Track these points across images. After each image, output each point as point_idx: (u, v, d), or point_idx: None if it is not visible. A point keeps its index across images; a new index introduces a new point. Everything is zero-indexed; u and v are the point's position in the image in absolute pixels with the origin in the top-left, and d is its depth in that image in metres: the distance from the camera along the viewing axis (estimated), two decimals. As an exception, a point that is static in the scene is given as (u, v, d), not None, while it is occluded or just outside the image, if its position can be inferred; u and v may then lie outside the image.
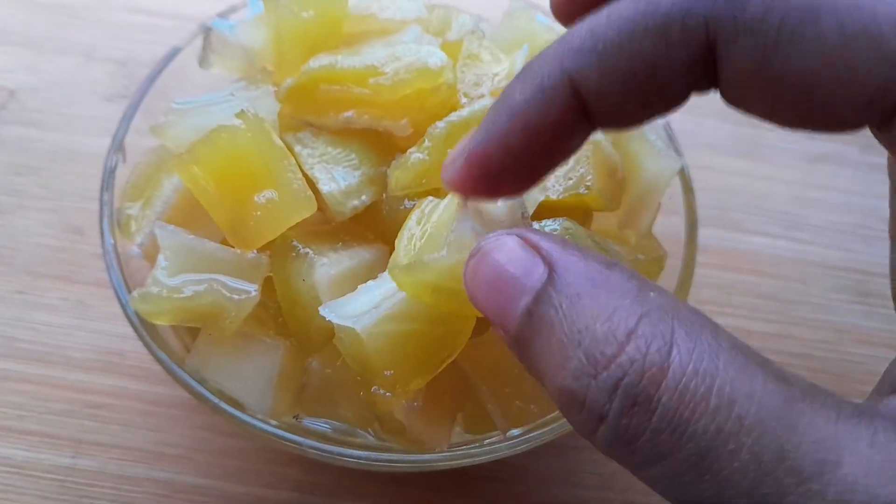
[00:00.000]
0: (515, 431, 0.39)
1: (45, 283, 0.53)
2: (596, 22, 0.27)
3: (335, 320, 0.35)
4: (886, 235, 0.36)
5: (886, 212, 0.61)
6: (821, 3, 0.23)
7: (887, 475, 0.21)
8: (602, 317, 0.23)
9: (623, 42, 0.26)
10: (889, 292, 0.32)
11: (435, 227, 0.34)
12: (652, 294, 0.24)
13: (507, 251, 0.26)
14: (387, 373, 0.35)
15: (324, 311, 0.35)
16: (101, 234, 0.42)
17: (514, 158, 0.28)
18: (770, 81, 0.25)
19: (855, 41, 0.23)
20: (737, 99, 0.27)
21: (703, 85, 0.27)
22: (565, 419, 0.39)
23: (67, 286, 0.53)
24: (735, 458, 0.21)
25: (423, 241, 0.34)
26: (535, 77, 0.27)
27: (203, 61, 0.48)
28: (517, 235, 0.26)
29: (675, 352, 0.22)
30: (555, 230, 0.38)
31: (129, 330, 0.41)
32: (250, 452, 0.48)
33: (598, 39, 0.26)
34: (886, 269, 0.58)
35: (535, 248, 0.26)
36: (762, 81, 0.25)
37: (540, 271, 0.25)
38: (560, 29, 0.50)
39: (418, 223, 0.35)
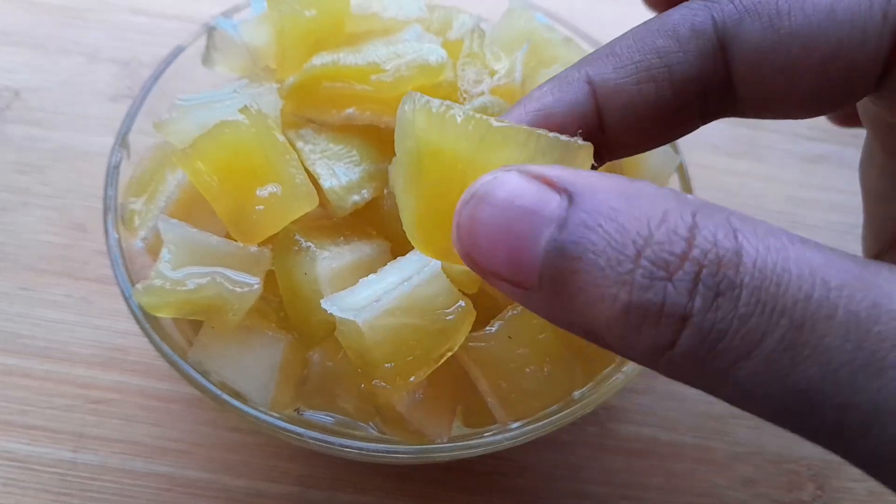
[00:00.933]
0: (515, 424, 0.39)
1: (49, 280, 0.54)
2: (616, 39, 0.29)
3: (336, 313, 0.35)
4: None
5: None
6: None
7: None
8: (654, 220, 0.21)
9: (637, 42, 0.28)
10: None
11: None
12: (689, 196, 0.22)
13: (510, 187, 0.23)
14: (387, 365, 0.36)
15: (325, 304, 0.36)
16: (105, 228, 0.42)
17: None
18: (782, 57, 0.26)
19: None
20: (750, 95, 0.28)
21: (715, 84, 0.28)
22: (564, 412, 0.39)
23: (71, 283, 0.54)
24: (832, 321, 0.20)
25: None
26: (560, 83, 0.29)
27: (206, 60, 0.48)
28: (516, 170, 0.23)
29: (741, 236, 0.21)
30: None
31: (132, 326, 0.41)
32: (251, 447, 0.49)
33: (614, 44, 0.28)
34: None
35: (542, 179, 0.23)
36: (774, 60, 0.26)
37: (557, 199, 0.22)
38: (560, 28, 0.51)
39: None
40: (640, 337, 0.21)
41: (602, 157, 0.30)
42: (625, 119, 0.28)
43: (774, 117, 0.29)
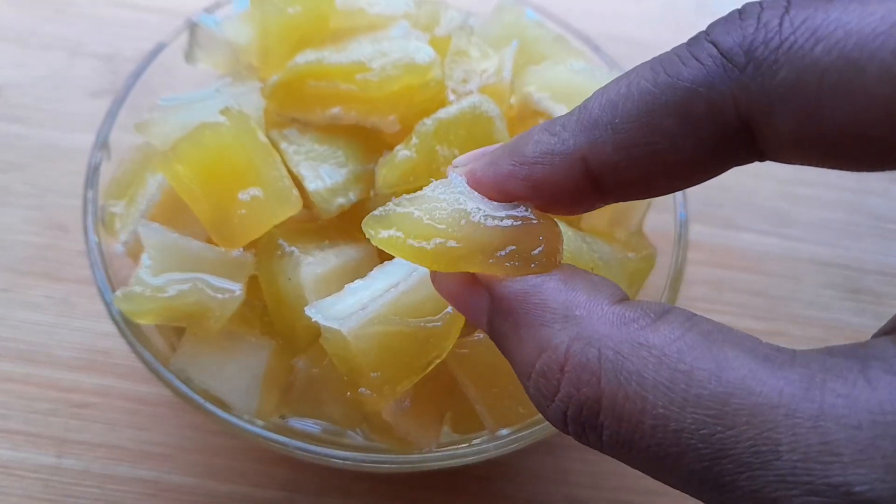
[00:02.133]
0: (504, 431, 0.38)
1: (30, 281, 0.53)
2: (614, 92, 0.26)
3: (321, 321, 0.34)
4: (876, 232, 0.36)
5: (877, 208, 0.61)
6: (860, 53, 0.22)
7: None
8: (538, 350, 0.25)
9: (641, 117, 0.25)
10: (879, 289, 0.32)
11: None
12: (578, 311, 0.25)
13: (447, 287, 0.29)
14: (373, 374, 0.35)
15: (310, 312, 0.35)
16: (85, 231, 0.41)
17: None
18: (820, 139, 0.23)
19: None
20: (786, 159, 0.26)
21: (741, 157, 0.25)
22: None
23: (52, 284, 0.53)
24: (682, 460, 0.22)
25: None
26: (550, 139, 0.27)
27: (189, 57, 0.47)
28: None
29: (603, 380, 0.23)
30: None
31: (114, 328, 0.40)
32: (237, 451, 0.48)
33: (616, 113, 0.25)
34: (876, 266, 0.58)
35: (475, 279, 0.28)
36: (812, 141, 0.24)
37: (485, 301, 0.28)
38: (551, 25, 0.50)
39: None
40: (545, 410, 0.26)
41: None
42: (622, 189, 0.27)
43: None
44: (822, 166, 0.25)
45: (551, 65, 0.45)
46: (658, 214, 0.47)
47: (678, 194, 0.47)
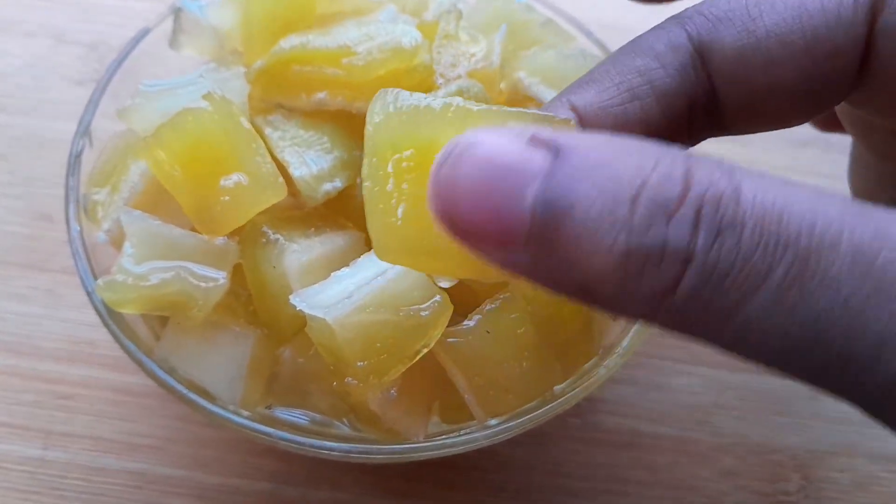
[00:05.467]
0: (493, 421, 0.38)
1: (13, 272, 0.52)
2: (590, 70, 0.29)
3: (306, 310, 0.34)
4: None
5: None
6: None
7: None
8: (646, 167, 0.21)
9: (614, 65, 0.28)
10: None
11: None
12: (676, 148, 0.22)
13: (490, 144, 0.22)
14: (359, 364, 0.34)
15: (294, 301, 0.34)
16: (67, 220, 0.41)
17: None
18: (760, 57, 0.26)
19: None
20: (735, 103, 0.28)
21: (700, 95, 0.28)
22: (543, 409, 0.38)
23: (36, 274, 0.52)
24: (837, 251, 0.20)
25: None
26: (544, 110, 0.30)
27: (173, 42, 0.46)
28: (495, 129, 0.23)
29: (737, 175, 0.21)
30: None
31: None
32: (224, 442, 0.47)
33: (592, 71, 0.28)
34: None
35: (523, 136, 0.22)
36: (753, 61, 0.26)
37: (541, 153, 0.21)
38: (540, 9, 0.49)
39: None
40: (641, 283, 0.21)
41: None
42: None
43: (762, 128, 0.29)
44: (767, 117, 0.28)
45: (541, 50, 0.45)
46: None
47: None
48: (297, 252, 0.37)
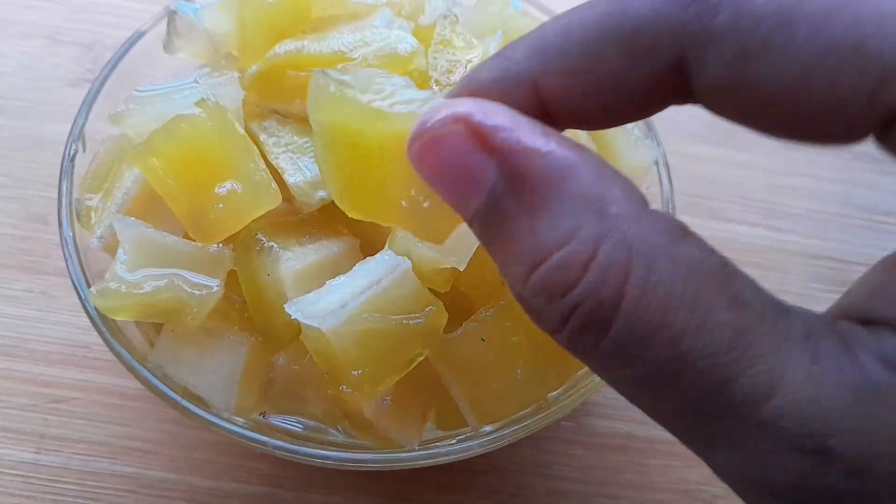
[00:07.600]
0: (487, 428, 0.38)
1: (8, 274, 0.52)
2: (568, 18, 0.25)
3: (301, 319, 0.34)
4: (865, 224, 0.36)
5: (865, 200, 0.60)
6: (795, 9, 0.21)
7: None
8: (559, 239, 0.22)
9: (589, 48, 0.24)
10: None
11: None
12: (614, 207, 0.23)
13: (449, 146, 0.24)
14: (354, 372, 0.34)
15: (289, 309, 0.34)
16: (60, 225, 0.40)
17: None
18: (746, 93, 0.23)
19: (834, 49, 0.21)
20: (716, 110, 0.25)
21: (676, 96, 0.25)
22: (537, 416, 0.38)
23: (31, 277, 0.52)
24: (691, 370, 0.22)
25: None
26: (503, 62, 0.26)
27: (167, 46, 0.46)
28: (464, 120, 0.24)
29: (629, 284, 0.22)
30: None
31: (93, 323, 0.39)
32: (218, 446, 0.47)
33: (567, 38, 0.25)
34: (864, 258, 0.58)
35: (484, 140, 0.23)
36: (738, 93, 0.23)
37: (491, 172, 0.23)
38: (536, 14, 0.49)
39: None
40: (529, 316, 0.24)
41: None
42: (571, 118, 0.26)
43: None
44: (748, 124, 0.25)
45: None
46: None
47: (665, 186, 0.46)
48: (292, 259, 0.37)
